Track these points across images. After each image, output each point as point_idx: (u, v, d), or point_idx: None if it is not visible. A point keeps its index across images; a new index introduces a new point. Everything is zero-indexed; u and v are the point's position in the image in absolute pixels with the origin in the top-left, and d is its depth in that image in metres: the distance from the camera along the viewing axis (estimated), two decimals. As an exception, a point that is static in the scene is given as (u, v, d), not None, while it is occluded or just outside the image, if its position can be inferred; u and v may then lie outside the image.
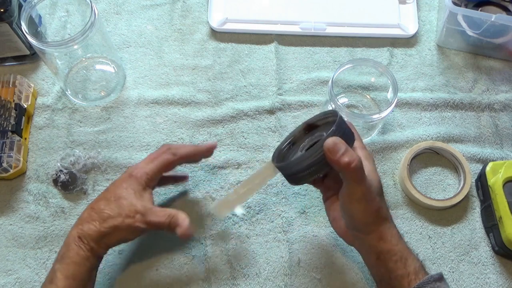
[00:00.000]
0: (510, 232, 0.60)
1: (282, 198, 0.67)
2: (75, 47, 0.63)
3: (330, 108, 0.68)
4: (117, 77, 0.75)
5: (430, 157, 0.71)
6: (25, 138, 0.69)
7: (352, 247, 0.64)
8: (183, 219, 0.54)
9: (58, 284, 0.50)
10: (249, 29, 0.79)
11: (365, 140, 0.71)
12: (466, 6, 0.76)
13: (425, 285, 0.49)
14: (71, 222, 0.65)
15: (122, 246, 0.63)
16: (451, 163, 0.70)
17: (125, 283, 0.62)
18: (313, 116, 0.56)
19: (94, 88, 0.74)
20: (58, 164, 0.67)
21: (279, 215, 0.66)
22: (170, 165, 0.58)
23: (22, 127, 0.68)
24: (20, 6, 0.69)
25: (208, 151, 0.61)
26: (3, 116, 0.68)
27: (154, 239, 0.64)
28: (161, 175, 0.58)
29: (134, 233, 0.54)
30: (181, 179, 0.66)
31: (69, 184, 0.66)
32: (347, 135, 0.50)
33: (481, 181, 0.66)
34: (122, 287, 0.61)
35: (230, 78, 0.76)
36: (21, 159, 0.66)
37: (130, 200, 0.53)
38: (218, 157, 0.69)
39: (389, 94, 0.67)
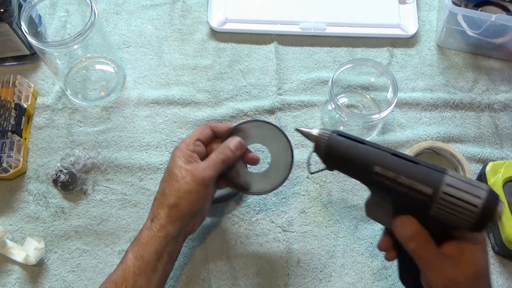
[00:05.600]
0: (510, 232, 0.60)
1: (282, 198, 0.67)
2: (75, 47, 0.63)
3: (330, 108, 0.68)
4: (117, 77, 0.75)
5: (430, 157, 0.71)
6: (25, 138, 0.69)
7: (352, 247, 0.64)
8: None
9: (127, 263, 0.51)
10: (249, 29, 0.79)
11: (365, 140, 0.71)
12: (466, 6, 0.76)
13: None
14: (71, 222, 0.65)
15: (122, 246, 0.63)
16: (451, 163, 0.70)
17: (125, 283, 0.62)
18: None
19: (94, 88, 0.74)
20: (58, 164, 0.67)
21: (279, 215, 0.66)
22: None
23: (22, 127, 0.68)
24: (20, 6, 0.69)
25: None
26: (3, 116, 0.68)
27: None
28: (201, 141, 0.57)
29: (199, 192, 0.53)
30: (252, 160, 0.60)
31: (69, 184, 0.66)
32: None
33: (481, 181, 0.66)
34: (122, 287, 0.61)
35: (230, 78, 0.76)
36: (21, 159, 0.66)
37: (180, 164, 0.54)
38: (218, 157, 0.69)
39: (389, 94, 0.67)
